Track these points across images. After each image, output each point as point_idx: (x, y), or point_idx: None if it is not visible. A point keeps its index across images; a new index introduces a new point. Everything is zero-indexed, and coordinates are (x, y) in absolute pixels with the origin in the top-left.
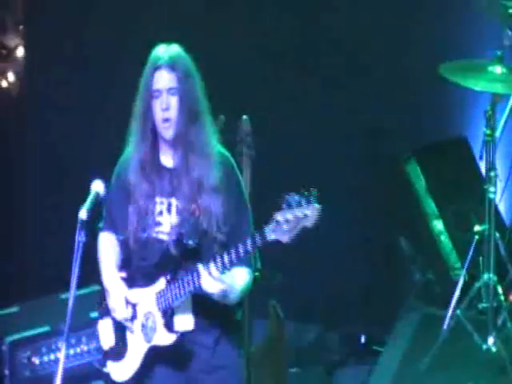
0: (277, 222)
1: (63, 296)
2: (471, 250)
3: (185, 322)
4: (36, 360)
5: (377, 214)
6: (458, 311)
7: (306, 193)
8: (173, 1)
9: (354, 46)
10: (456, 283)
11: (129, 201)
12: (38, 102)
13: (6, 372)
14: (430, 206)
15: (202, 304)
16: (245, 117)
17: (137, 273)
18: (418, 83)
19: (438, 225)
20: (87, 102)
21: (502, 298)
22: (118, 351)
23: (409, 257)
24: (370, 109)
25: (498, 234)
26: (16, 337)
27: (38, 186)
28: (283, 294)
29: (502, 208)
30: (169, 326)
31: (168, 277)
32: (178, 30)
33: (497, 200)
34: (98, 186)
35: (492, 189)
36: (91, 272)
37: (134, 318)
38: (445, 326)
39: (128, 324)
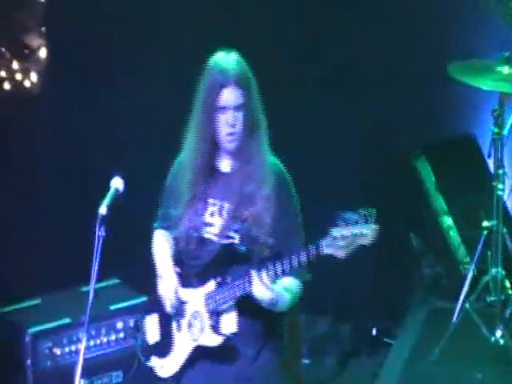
0: (333, 237)
1: (83, 289)
2: (480, 245)
3: (229, 324)
4: (57, 351)
5: (387, 211)
6: (467, 304)
7: (363, 211)
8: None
9: (367, 47)
10: (465, 277)
11: (182, 201)
12: (59, 100)
13: (29, 362)
14: (440, 202)
15: (246, 309)
16: None
17: (187, 272)
18: (428, 83)
19: (447, 220)
20: (108, 102)
21: (510, 291)
22: (164, 347)
23: (419, 252)
24: (382, 108)
25: (505, 230)
26: (38, 328)
27: (58, 184)
28: None
29: (509, 204)
30: (215, 327)
31: (218, 279)
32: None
33: (505, 196)
34: (117, 183)
35: (500, 186)
36: (110, 265)
37: (182, 315)
38: (454, 319)
39: (176, 318)
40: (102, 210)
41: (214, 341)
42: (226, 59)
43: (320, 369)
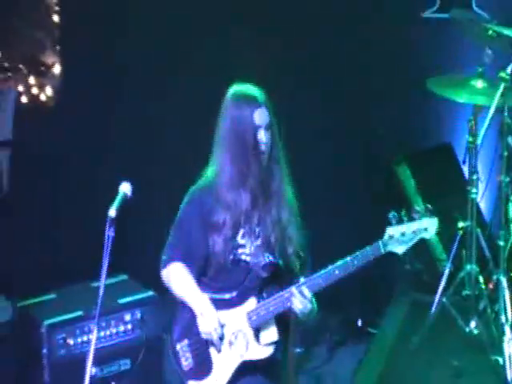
0: (390, 236)
1: (94, 284)
2: (455, 244)
3: (270, 334)
4: (70, 341)
5: (370, 212)
6: (444, 298)
7: (417, 207)
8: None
9: (353, 62)
10: (442, 273)
11: (209, 226)
12: (73, 114)
13: (45, 351)
14: (419, 204)
15: (280, 319)
16: None
17: (219, 295)
18: (408, 96)
19: None
20: (118, 116)
21: (483, 286)
22: (201, 371)
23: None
24: (365, 118)
25: (479, 230)
26: (53, 320)
27: (72, 188)
28: None
29: (482, 206)
30: (259, 341)
31: (259, 296)
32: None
33: (478, 199)
34: (125, 188)
35: (474, 190)
36: (118, 263)
37: (222, 338)
38: (432, 311)
39: (217, 343)
40: (112, 212)
41: (261, 354)
42: (249, 88)
43: (312, 356)
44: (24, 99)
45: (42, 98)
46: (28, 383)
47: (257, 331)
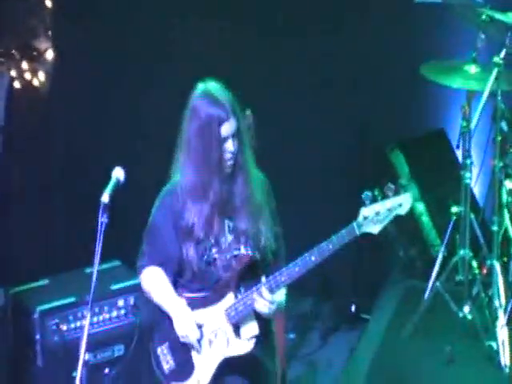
0: (365, 217)
1: (87, 270)
2: (449, 229)
3: (251, 328)
4: (63, 327)
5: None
6: (438, 283)
7: (390, 184)
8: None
9: (346, 48)
10: (435, 258)
11: (183, 230)
12: (65, 99)
13: (37, 337)
14: (413, 189)
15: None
16: (248, 112)
17: (196, 296)
18: (402, 82)
19: (420, 207)
20: (111, 101)
21: (477, 271)
22: (182, 372)
23: (393, 235)
24: (360, 105)
25: (472, 215)
26: (46, 306)
27: (65, 174)
28: None
29: (476, 191)
30: (240, 337)
31: (237, 291)
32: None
33: (472, 184)
34: (118, 173)
35: (468, 175)
36: (111, 249)
37: (200, 338)
38: (425, 297)
39: (196, 345)
40: (105, 198)
41: (243, 349)
42: (218, 93)
43: (305, 343)
44: (17, 84)
45: (35, 83)
46: (21, 369)
47: (237, 327)
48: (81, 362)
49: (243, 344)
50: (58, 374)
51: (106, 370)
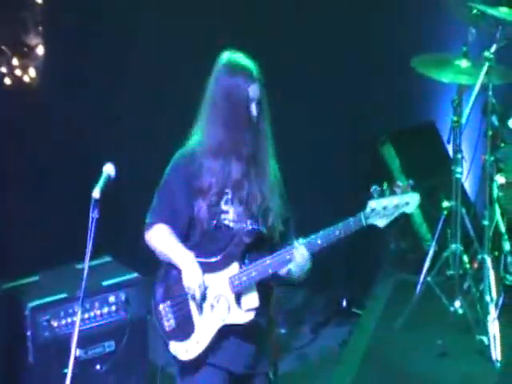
0: (372, 209)
1: (79, 266)
2: (440, 223)
3: (252, 300)
4: (55, 323)
5: (357, 191)
6: (429, 277)
7: (399, 182)
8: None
9: (339, 42)
10: (427, 252)
11: (194, 191)
12: (56, 95)
13: (28, 333)
14: (404, 183)
15: (261, 285)
16: None
17: (203, 258)
18: (393, 75)
19: None
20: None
21: (468, 265)
22: (183, 332)
23: (385, 229)
24: (351, 97)
25: (463, 209)
26: (37, 302)
27: (56, 169)
28: None
29: (467, 186)
30: (241, 305)
31: (242, 262)
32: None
33: (463, 179)
34: (109, 169)
35: (459, 169)
36: (103, 245)
37: (204, 299)
38: (417, 291)
39: (199, 302)
40: (96, 193)
41: (243, 318)
42: (243, 60)
43: (295, 337)
44: (7, 81)
45: (26, 79)
46: (12, 365)
47: (238, 296)
48: (72, 358)
49: (243, 314)
50: (49, 370)
51: (97, 366)
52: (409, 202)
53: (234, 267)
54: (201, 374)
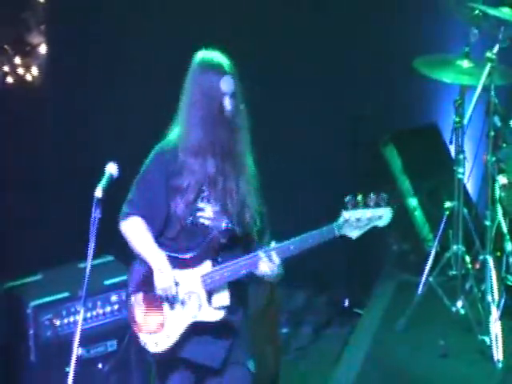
0: (345, 220)
1: (81, 265)
2: (442, 224)
3: (222, 298)
4: (57, 322)
5: (357, 191)
6: (431, 278)
7: (373, 195)
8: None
9: (341, 43)
10: (429, 253)
11: (172, 188)
12: (59, 93)
13: (31, 332)
14: (405, 184)
15: (234, 283)
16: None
17: (176, 255)
18: (395, 76)
19: (413, 201)
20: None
21: (470, 266)
22: (154, 325)
23: (387, 230)
24: (354, 99)
25: (465, 210)
26: (39, 301)
27: (58, 169)
28: None
29: (469, 186)
30: (212, 303)
31: (215, 261)
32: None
33: (465, 179)
34: (111, 168)
35: (461, 170)
36: (105, 244)
37: (175, 296)
38: (419, 291)
39: (170, 301)
40: (98, 193)
41: (213, 316)
42: (216, 56)
43: (298, 337)
44: (10, 79)
45: (28, 78)
46: (14, 364)
47: (210, 294)
48: (74, 357)
49: (213, 312)
50: (51, 368)
51: (99, 365)
52: (382, 216)
53: (207, 265)
54: (172, 368)
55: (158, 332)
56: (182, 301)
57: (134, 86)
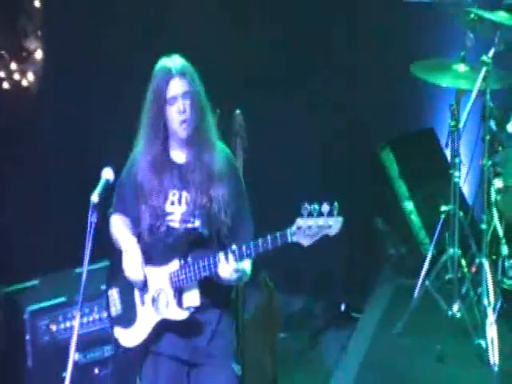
0: (298, 227)
1: (77, 270)
2: (438, 228)
3: (192, 298)
4: (53, 327)
5: (356, 197)
6: (427, 282)
7: (327, 205)
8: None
9: (339, 48)
10: (425, 257)
11: (139, 197)
12: (55, 99)
13: (27, 337)
14: (402, 188)
15: (207, 284)
16: (238, 111)
17: (149, 251)
18: (392, 81)
19: (409, 205)
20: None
21: (466, 269)
22: (126, 319)
23: (384, 234)
24: (351, 104)
25: (461, 214)
26: (36, 306)
27: (55, 176)
28: (273, 267)
29: (465, 190)
30: (180, 303)
31: (182, 260)
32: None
33: (461, 183)
34: (107, 174)
35: (457, 173)
36: (101, 249)
37: (145, 290)
38: (415, 295)
39: (140, 293)
40: (94, 198)
41: (179, 315)
42: (168, 60)
43: (295, 341)
44: (6, 85)
45: (24, 83)
46: (11, 369)
47: (180, 293)
48: (70, 363)
49: (180, 311)
50: (47, 374)
51: (96, 370)
52: (331, 225)
53: (175, 264)
54: (149, 363)
55: (129, 327)
56: (152, 297)
57: (132, 91)
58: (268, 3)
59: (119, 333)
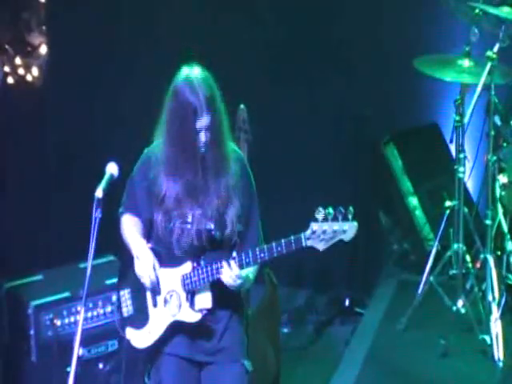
0: (313, 231)
1: (82, 265)
2: (443, 223)
3: (205, 300)
4: (58, 322)
5: (359, 192)
6: (431, 277)
7: (342, 209)
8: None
9: (341, 43)
10: (429, 252)
11: (153, 198)
12: (59, 94)
13: (32, 332)
14: (406, 184)
15: (219, 286)
16: (242, 106)
17: (161, 253)
18: (396, 76)
19: (413, 201)
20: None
21: (470, 265)
22: (138, 321)
23: (387, 229)
24: (354, 99)
25: (466, 209)
26: (40, 301)
27: (59, 170)
28: (276, 262)
29: (469, 186)
30: (193, 305)
31: (195, 263)
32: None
33: (465, 179)
34: (112, 168)
35: (461, 169)
36: (106, 244)
37: (157, 292)
38: (419, 291)
39: (152, 294)
40: (98, 193)
41: (191, 317)
42: (198, 80)
43: (299, 336)
44: (10, 80)
45: (29, 78)
46: (15, 364)
47: (192, 295)
48: (75, 357)
49: (192, 313)
50: (51, 368)
51: (100, 365)
52: (346, 230)
53: (187, 266)
54: (160, 363)
55: (141, 328)
56: (164, 299)
57: (137, 87)
58: (271, 1)
59: (131, 334)
